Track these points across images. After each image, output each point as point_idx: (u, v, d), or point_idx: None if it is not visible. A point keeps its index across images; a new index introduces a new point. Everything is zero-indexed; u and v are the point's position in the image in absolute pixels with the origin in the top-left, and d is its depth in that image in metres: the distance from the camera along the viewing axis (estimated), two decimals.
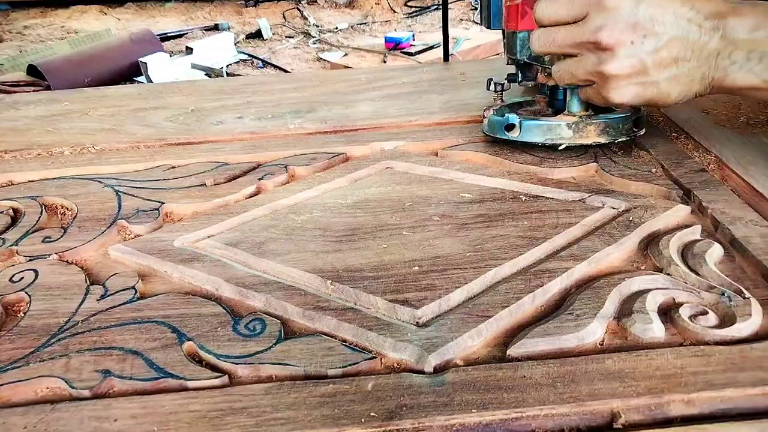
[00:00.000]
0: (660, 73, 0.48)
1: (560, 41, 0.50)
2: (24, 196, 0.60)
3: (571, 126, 0.57)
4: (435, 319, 0.41)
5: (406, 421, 0.33)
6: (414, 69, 0.99)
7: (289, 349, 0.39)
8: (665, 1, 0.46)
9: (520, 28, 0.60)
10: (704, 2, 0.46)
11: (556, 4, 0.49)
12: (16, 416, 0.35)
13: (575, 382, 0.35)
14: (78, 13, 4.49)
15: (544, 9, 0.50)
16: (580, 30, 0.48)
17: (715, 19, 0.45)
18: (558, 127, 0.58)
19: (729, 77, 0.47)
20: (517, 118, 0.60)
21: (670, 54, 0.47)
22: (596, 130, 0.56)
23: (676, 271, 0.44)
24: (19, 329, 0.42)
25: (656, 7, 0.45)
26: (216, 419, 0.34)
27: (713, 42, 0.45)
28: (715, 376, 0.35)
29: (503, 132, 0.61)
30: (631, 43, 0.46)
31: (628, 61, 0.47)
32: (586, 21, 0.48)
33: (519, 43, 0.61)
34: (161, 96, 0.90)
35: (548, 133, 0.58)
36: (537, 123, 0.59)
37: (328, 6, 4.51)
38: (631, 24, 0.46)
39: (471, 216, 0.53)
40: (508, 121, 0.60)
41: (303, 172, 0.63)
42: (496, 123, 0.63)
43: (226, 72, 3.02)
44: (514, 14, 0.61)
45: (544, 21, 0.50)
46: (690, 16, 0.45)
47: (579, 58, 0.50)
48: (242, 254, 0.49)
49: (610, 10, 0.46)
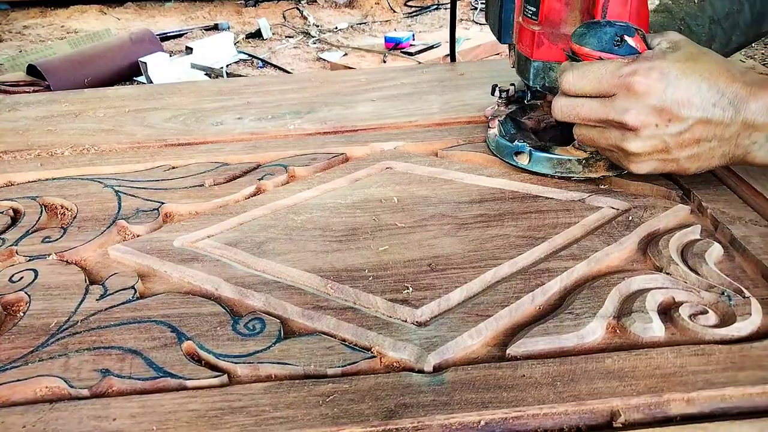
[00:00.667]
0: (681, 152, 0.49)
1: (584, 115, 0.50)
2: (24, 197, 0.60)
3: (581, 161, 0.57)
4: (434, 318, 0.41)
5: (405, 420, 0.33)
6: (414, 69, 0.99)
7: (289, 348, 0.39)
8: (693, 85, 0.46)
9: (535, 58, 0.59)
10: (728, 83, 0.46)
11: (583, 80, 0.49)
12: (15, 415, 0.35)
13: (575, 381, 0.35)
14: (78, 12, 4.49)
15: (572, 82, 0.50)
16: (605, 109, 0.49)
17: (737, 102, 0.46)
18: (568, 162, 0.57)
19: (750, 155, 0.48)
20: (527, 147, 0.59)
21: (693, 136, 0.48)
22: (605, 164, 0.56)
23: (676, 270, 0.44)
24: (19, 329, 0.42)
25: (684, 91, 0.46)
26: (215, 418, 0.34)
27: (735, 125, 0.46)
28: (715, 375, 0.35)
29: (511, 158, 0.60)
30: (656, 126, 0.47)
31: (650, 141, 0.48)
32: (613, 101, 0.48)
33: (533, 71, 0.60)
34: (161, 96, 0.90)
35: (558, 166, 0.58)
36: (547, 156, 0.58)
37: (328, 6, 4.51)
38: (657, 109, 0.47)
39: (471, 216, 0.53)
40: (517, 148, 0.59)
41: (303, 173, 0.63)
42: (504, 147, 0.61)
43: (226, 72, 3.02)
44: (528, 41, 0.59)
45: (568, 91, 0.50)
46: (715, 100, 0.46)
47: (602, 130, 0.51)
48: (242, 254, 0.49)
49: (639, 94, 0.47)
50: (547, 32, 0.57)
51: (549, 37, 0.58)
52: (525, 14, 0.60)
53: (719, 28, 0.76)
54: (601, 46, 0.50)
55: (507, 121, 0.64)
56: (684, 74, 0.46)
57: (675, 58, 0.47)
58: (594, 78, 0.49)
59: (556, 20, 0.57)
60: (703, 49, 0.49)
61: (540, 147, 0.59)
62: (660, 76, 0.46)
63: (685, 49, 0.48)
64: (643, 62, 0.47)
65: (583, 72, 0.50)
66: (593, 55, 0.50)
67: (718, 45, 0.78)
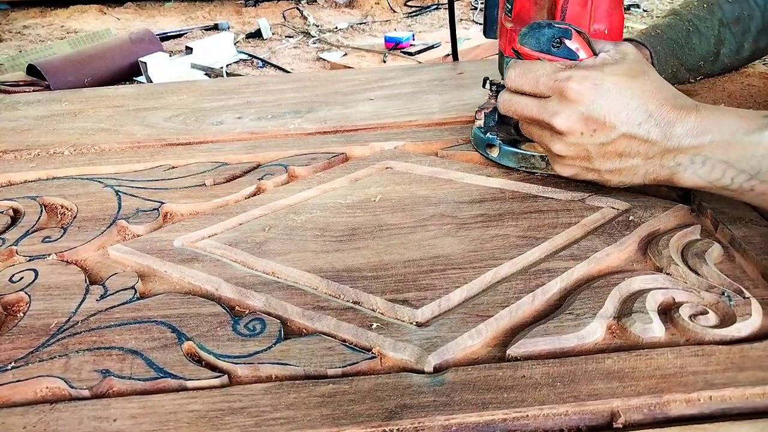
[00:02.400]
0: (603, 164, 0.50)
1: (520, 112, 0.52)
2: (24, 196, 0.60)
3: (545, 158, 0.58)
4: (435, 318, 0.41)
5: (405, 420, 0.33)
6: (414, 69, 0.99)
7: (289, 348, 0.39)
8: (621, 100, 0.47)
9: (507, 54, 0.60)
10: (659, 105, 0.47)
11: (523, 78, 0.50)
12: (15, 416, 0.35)
13: (575, 382, 0.35)
14: (78, 12, 4.48)
15: (513, 79, 0.51)
16: (538, 108, 0.50)
17: (663, 125, 0.47)
18: (532, 158, 0.59)
19: (676, 176, 0.48)
20: (497, 139, 0.61)
21: (615, 149, 0.48)
22: None
23: (676, 270, 0.44)
24: (19, 329, 0.42)
25: (612, 104, 0.47)
26: (215, 419, 0.34)
27: (659, 146, 0.47)
28: (715, 376, 0.35)
29: (484, 149, 0.63)
30: (581, 134, 0.48)
31: (574, 148, 0.49)
32: (546, 102, 0.49)
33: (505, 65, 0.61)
34: (161, 96, 0.90)
35: (522, 161, 0.60)
36: (513, 150, 0.60)
37: (327, 6, 4.51)
38: (584, 117, 0.47)
39: (471, 216, 0.53)
40: (488, 140, 0.62)
41: (303, 172, 0.63)
42: (479, 140, 0.64)
43: (226, 72, 3.02)
44: (504, 37, 0.61)
45: (510, 87, 0.52)
46: (641, 119, 0.47)
47: (536, 129, 0.52)
48: (242, 254, 0.49)
49: (570, 100, 0.48)
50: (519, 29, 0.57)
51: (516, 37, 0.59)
52: (505, 11, 0.61)
53: (728, 32, 0.76)
54: (539, 46, 0.51)
55: (491, 113, 0.65)
56: (616, 88, 0.47)
57: (612, 71, 0.48)
58: (532, 78, 0.50)
59: (526, 18, 0.58)
60: (647, 69, 0.49)
61: (511, 141, 0.61)
62: (592, 86, 0.47)
63: (627, 64, 0.49)
64: (580, 70, 0.48)
65: (524, 70, 0.51)
66: (533, 55, 0.51)
67: (728, 50, 0.77)
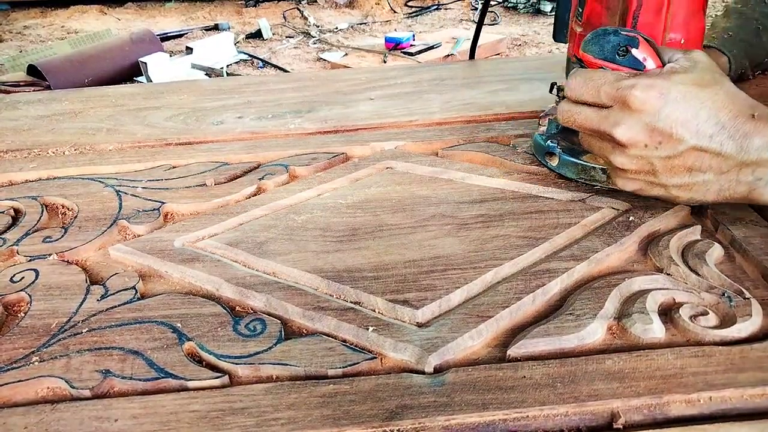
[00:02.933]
0: (669, 179, 0.47)
1: (580, 122, 0.50)
2: (24, 196, 0.60)
3: (605, 171, 0.54)
4: (435, 319, 0.41)
5: (406, 421, 0.34)
6: (414, 68, 0.99)
7: (290, 349, 0.39)
8: (690, 110, 0.44)
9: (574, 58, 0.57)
10: (732, 116, 0.44)
11: (584, 87, 0.48)
12: (16, 416, 0.35)
13: (575, 383, 0.35)
14: (78, 13, 4.49)
15: (574, 88, 0.49)
16: (598, 119, 0.48)
17: (738, 137, 0.44)
18: (593, 170, 0.55)
19: (755, 192, 0.45)
20: (557, 148, 0.58)
21: (684, 163, 0.46)
22: None
23: (677, 271, 0.44)
24: (20, 329, 0.42)
25: (680, 115, 0.44)
26: (216, 419, 0.34)
27: (733, 160, 0.44)
28: (715, 377, 0.35)
29: (543, 157, 0.60)
30: (645, 146, 0.46)
31: (637, 161, 0.47)
32: (608, 112, 0.47)
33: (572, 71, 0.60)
34: (161, 96, 0.90)
35: (582, 173, 0.56)
36: (573, 161, 0.57)
37: (328, 6, 4.51)
38: (649, 128, 0.45)
39: (471, 216, 0.53)
40: (548, 149, 0.59)
41: (303, 172, 0.63)
42: (538, 147, 0.61)
43: (226, 72, 3.02)
44: (573, 41, 0.59)
45: (570, 96, 0.50)
46: (713, 132, 0.44)
47: (597, 140, 0.50)
48: (242, 254, 0.49)
49: (633, 110, 0.45)
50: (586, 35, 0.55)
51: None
52: (576, 15, 0.59)
53: None
54: (603, 54, 0.49)
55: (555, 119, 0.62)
56: (684, 98, 0.44)
57: (680, 80, 0.45)
58: (593, 86, 0.48)
59: (596, 23, 0.55)
60: (719, 78, 0.46)
61: (572, 151, 0.57)
62: (658, 95, 0.44)
63: (697, 73, 0.46)
64: (645, 78, 0.46)
65: (585, 79, 0.49)
66: (595, 63, 0.50)
67: None
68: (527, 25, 3.90)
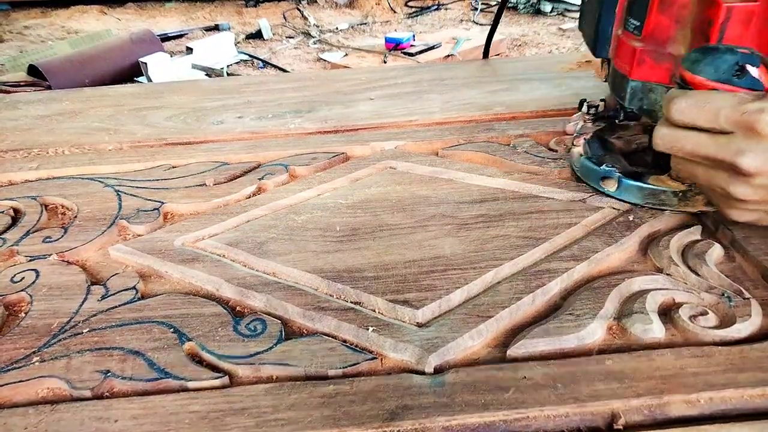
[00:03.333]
0: None
1: (690, 149, 0.45)
2: (24, 196, 0.60)
3: (677, 194, 0.50)
4: (435, 319, 0.41)
5: (406, 421, 0.34)
6: (414, 69, 0.99)
7: (290, 349, 0.39)
8: None
9: (634, 77, 0.52)
10: None
11: (697, 110, 0.43)
12: (16, 417, 0.35)
13: (575, 383, 0.35)
14: (78, 13, 4.49)
15: (681, 110, 0.44)
16: (717, 146, 0.43)
17: None
18: (663, 194, 0.51)
19: None
20: (616, 173, 0.53)
21: None
22: (704, 199, 0.50)
23: (677, 271, 0.44)
24: (20, 329, 0.42)
25: None
26: (216, 420, 0.34)
27: None
28: (715, 377, 0.35)
29: (597, 182, 0.55)
30: None
31: (762, 191, 0.43)
32: (728, 139, 0.42)
33: (630, 91, 0.54)
34: (161, 96, 0.90)
35: (650, 197, 0.52)
36: (639, 185, 0.52)
37: (328, 6, 4.51)
38: None
39: (471, 216, 0.53)
40: (605, 173, 0.54)
41: (303, 172, 0.63)
42: (589, 171, 0.56)
43: (227, 72, 3.02)
44: (628, 58, 0.53)
45: (677, 120, 0.45)
46: None
47: (707, 168, 0.45)
48: (243, 254, 0.49)
49: (762, 137, 0.41)
50: (651, 50, 0.51)
51: (652, 55, 0.51)
52: (626, 28, 0.53)
53: None
54: (717, 75, 0.44)
55: (594, 140, 0.59)
56: None
57: None
58: (711, 110, 0.42)
59: (662, 38, 0.50)
60: None
61: (631, 174, 0.53)
62: None
63: None
64: None
65: (698, 101, 0.43)
66: (708, 86, 0.44)
67: None
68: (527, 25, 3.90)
